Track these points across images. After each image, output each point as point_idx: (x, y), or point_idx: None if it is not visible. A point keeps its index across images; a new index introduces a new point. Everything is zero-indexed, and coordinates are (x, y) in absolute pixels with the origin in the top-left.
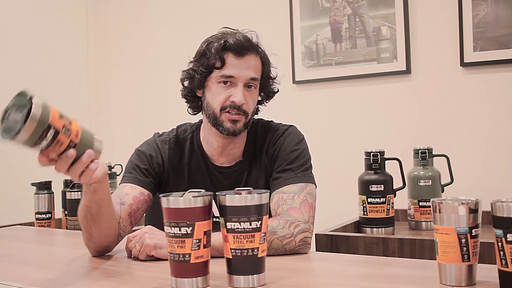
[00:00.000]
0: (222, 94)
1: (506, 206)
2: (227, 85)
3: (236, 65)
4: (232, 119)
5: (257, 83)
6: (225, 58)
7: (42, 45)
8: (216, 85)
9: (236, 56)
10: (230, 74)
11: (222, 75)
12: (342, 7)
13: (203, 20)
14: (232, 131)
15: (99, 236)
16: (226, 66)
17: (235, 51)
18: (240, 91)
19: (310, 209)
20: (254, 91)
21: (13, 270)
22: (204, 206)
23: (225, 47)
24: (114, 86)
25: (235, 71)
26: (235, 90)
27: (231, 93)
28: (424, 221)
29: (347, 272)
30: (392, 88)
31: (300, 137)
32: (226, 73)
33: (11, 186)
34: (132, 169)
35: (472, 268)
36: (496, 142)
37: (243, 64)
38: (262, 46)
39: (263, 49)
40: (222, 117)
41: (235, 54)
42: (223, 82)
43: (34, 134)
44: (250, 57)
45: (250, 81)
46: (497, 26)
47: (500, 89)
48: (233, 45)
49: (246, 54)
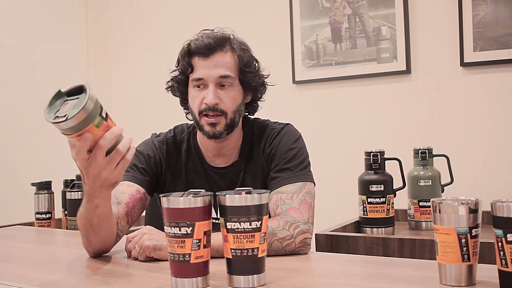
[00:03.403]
0: (197, 98)
1: (506, 206)
2: (200, 88)
3: (203, 66)
4: (210, 123)
5: (232, 80)
6: (192, 62)
7: (42, 45)
8: (192, 89)
9: (202, 57)
10: (198, 76)
11: (193, 79)
12: (342, 7)
13: (203, 20)
14: (213, 134)
15: (98, 243)
16: (196, 69)
17: (199, 53)
18: (211, 91)
19: (309, 208)
20: (230, 89)
21: (13, 270)
22: (204, 206)
23: (190, 51)
24: (114, 86)
25: (202, 72)
26: (206, 92)
27: (204, 95)
28: (424, 221)
29: (347, 272)
30: (392, 88)
31: (297, 135)
32: (196, 76)
33: (11, 186)
34: (129, 168)
35: (472, 268)
36: (496, 142)
37: (210, 64)
38: (237, 40)
39: (239, 42)
40: (201, 122)
41: (200, 56)
42: (197, 86)
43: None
44: (218, 55)
45: (221, 79)
46: (497, 26)
47: (500, 89)
48: (196, 47)
49: (212, 53)
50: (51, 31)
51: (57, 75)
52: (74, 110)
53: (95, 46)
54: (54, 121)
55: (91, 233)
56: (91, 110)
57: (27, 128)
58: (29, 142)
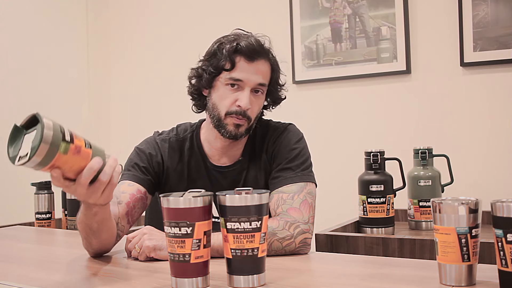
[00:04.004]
0: (229, 98)
1: (506, 206)
2: (234, 88)
3: (245, 69)
4: (236, 123)
5: (264, 89)
6: (235, 61)
7: (42, 45)
8: (224, 87)
9: (246, 60)
10: (239, 77)
11: (230, 78)
12: (342, 7)
13: (203, 20)
14: (234, 135)
15: (98, 245)
16: (236, 69)
17: (246, 55)
18: (246, 96)
19: (310, 209)
20: (260, 97)
21: (13, 270)
22: (204, 206)
23: (237, 50)
24: (114, 86)
25: (244, 75)
26: (241, 94)
27: (238, 96)
28: (424, 221)
29: (347, 272)
30: (392, 88)
31: (300, 135)
32: (235, 76)
33: (11, 186)
34: (131, 167)
35: (472, 268)
36: (496, 142)
37: (252, 68)
38: (273, 52)
39: (274, 55)
40: (226, 120)
41: (245, 58)
42: (231, 85)
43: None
44: (260, 62)
45: (257, 86)
46: (497, 26)
47: (500, 89)
48: (245, 48)
49: (257, 59)
50: (51, 31)
51: (57, 75)
52: (34, 146)
53: (95, 46)
54: (20, 163)
55: (91, 236)
56: (52, 139)
57: None
58: None
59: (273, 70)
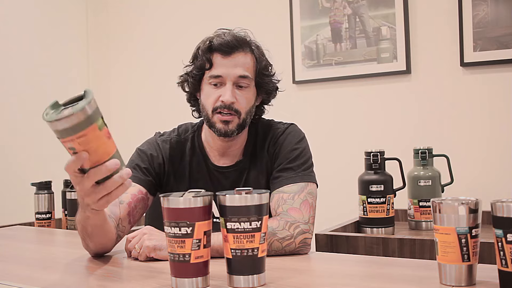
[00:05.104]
0: (213, 95)
1: (506, 206)
2: (217, 86)
3: (223, 64)
4: (223, 120)
5: (249, 81)
6: (212, 58)
7: (42, 45)
8: (208, 86)
9: (222, 56)
10: (218, 73)
11: (210, 76)
12: (342, 7)
13: (203, 20)
14: (224, 132)
15: (95, 247)
16: (214, 66)
17: (220, 50)
18: (228, 90)
19: (310, 209)
20: (246, 90)
21: (13, 270)
22: (204, 206)
23: (211, 48)
24: (114, 86)
25: (222, 70)
26: (224, 90)
27: (221, 93)
28: (424, 221)
29: (347, 272)
30: (392, 88)
31: (301, 135)
32: (214, 73)
33: (11, 186)
34: (132, 167)
35: (472, 268)
36: (496, 142)
37: (230, 63)
38: (257, 43)
39: (256, 46)
40: (214, 118)
41: (221, 54)
42: (214, 84)
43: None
44: (239, 55)
45: (239, 79)
46: (497, 26)
47: (500, 89)
48: (218, 45)
49: (233, 52)
50: (51, 31)
51: (57, 75)
52: (79, 106)
53: (95, 46)
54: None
55: (87, 238)
56: (95, 110)
57: (27, 128)
58: (29, 142)
59: (257, 61)
